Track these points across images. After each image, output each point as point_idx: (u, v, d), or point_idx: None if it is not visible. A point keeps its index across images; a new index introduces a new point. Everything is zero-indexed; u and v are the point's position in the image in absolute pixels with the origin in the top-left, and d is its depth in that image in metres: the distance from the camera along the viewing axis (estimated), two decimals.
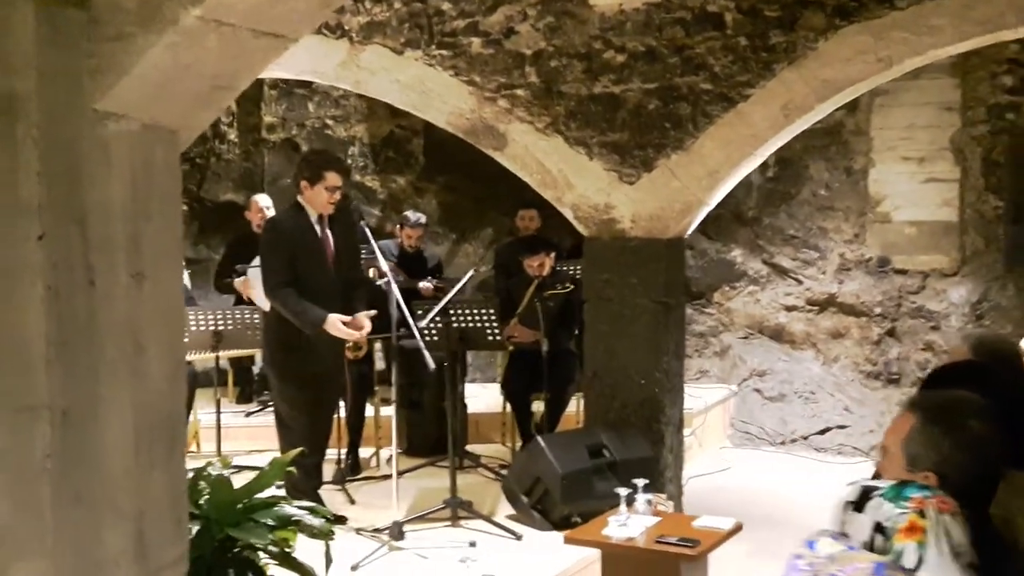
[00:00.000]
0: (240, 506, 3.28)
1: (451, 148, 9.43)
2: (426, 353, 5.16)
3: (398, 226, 8.19)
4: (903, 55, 5.26)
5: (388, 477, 6.73)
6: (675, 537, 4.28)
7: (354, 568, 4.94)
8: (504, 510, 5.82)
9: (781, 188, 8.37)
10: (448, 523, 5.59)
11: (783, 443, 8.19)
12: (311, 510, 3.43)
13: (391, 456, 7.23)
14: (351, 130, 9.84)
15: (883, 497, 1.79)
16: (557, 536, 5.48)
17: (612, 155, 5.89)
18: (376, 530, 5.47)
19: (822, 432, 8.12)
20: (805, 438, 8.15)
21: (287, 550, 3.32)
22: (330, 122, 9.81)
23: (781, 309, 8.44)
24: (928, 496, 1.76)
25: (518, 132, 6.05)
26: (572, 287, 6.79)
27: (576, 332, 6.86)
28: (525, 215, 8.05)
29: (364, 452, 7.14)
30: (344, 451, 6.85)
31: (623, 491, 4.50)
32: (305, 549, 3.38)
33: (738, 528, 4.52)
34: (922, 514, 1.75)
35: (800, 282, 8.38)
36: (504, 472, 6.53)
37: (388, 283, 5.23)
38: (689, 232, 6.08)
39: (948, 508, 1.75)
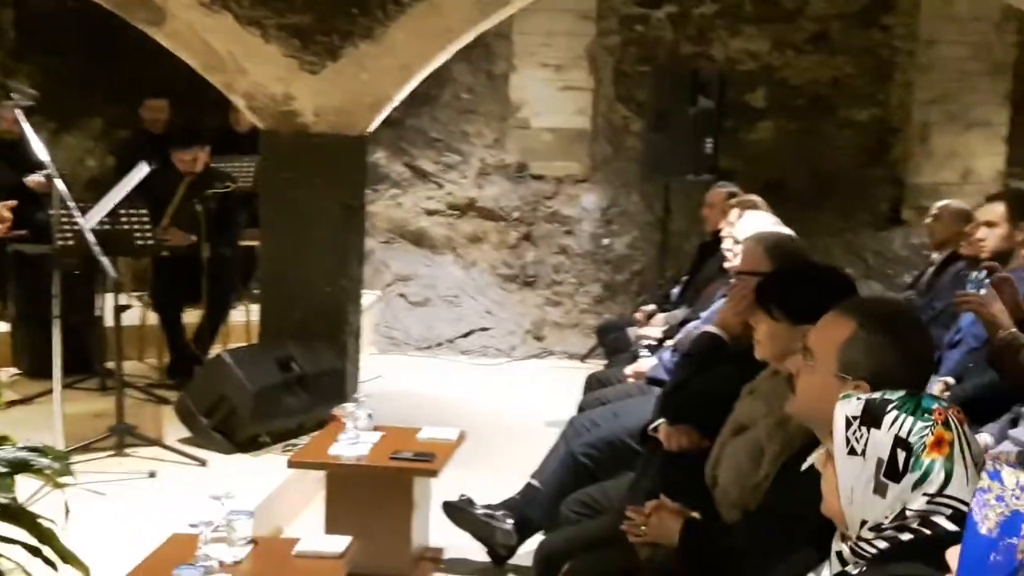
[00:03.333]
0: None
1: (50, 23, 8.23)
2: (105, 261, 4.42)
3: None
4: None
5: (15, 403, 5.84)
6: (410, 452, 4.04)
7: None
8: (174, 434, 5.22)
9: (424, 89, 8.12)
10: (113, 452, 4.92)
11: (429, 347, 8.16)
12: (40, 451, 2.78)
13: (13, 377, 6.31)
14: None
15: (901, 410, 1.67)
16: (245, 458, 5.05)
17: (292, 40, 5.36)
18: None
19: (466, 335, 8.18)
20: (451, 341, 8.18)
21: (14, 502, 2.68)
22: None
23: (423, 213, 8.32)
24: (945, 406, 1.67)
25: (179, 6, 5.32)
26: (232, 186, 6.18)
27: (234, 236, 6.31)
28: (154, 106, 7.21)
29: None
30: None
31: (349, 406, 4.18)
32: None
33: (463, 437, 4.37)
34: (947, 425, 1.65)
35: (441, 186, 8.31)
36: (158, 392, 5.88)
37: (49, 177, 4.40)
38: (372, 129, 5.72)
39: (964, 418, 1.67)
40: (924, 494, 1.62)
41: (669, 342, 4.93)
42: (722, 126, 7.51)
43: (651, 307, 6.11)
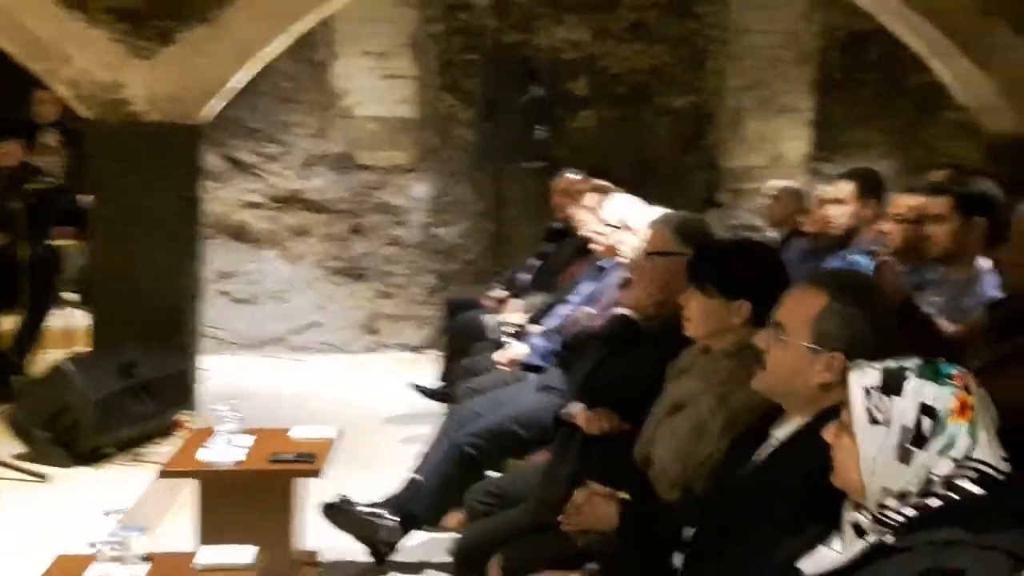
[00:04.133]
0: None
1: None
2: None
3: None
4: None
5: None
6: (290, 454, 3.84)
7: None
8: (5, 450, 4.79)
9: None
10: None
11: (259, 346, 7.84)
12: None
13: None
14: None
15: (922, 377, 1.68)
16: (87, 471, 4.69)
17: (121, 23, 5.01)
18: None
19: (298, 331, 7.91)
20: (282, 339, 7.89)
21: None
22: None
23: (243, 206, 7.98)
24: (964, 372, 1.69)
25: None
26: (53, 180, 5.72)
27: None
28: None
29: None
30: None
31: (221, 409, 3.93)
32: None
33: (340, 435, 4.19)
34: (968, 390, 1.66)
35: (263, 178, 7.99)
36: None
37: None
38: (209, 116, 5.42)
39: (980, 383, 1.69)
40: (951, 459, 1.63)
41: (534, 327, 4.91)
42: (552, 114, 7.56)
43: (501, 293, 6.08)
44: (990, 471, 1.62)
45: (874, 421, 1.67)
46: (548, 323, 4.58)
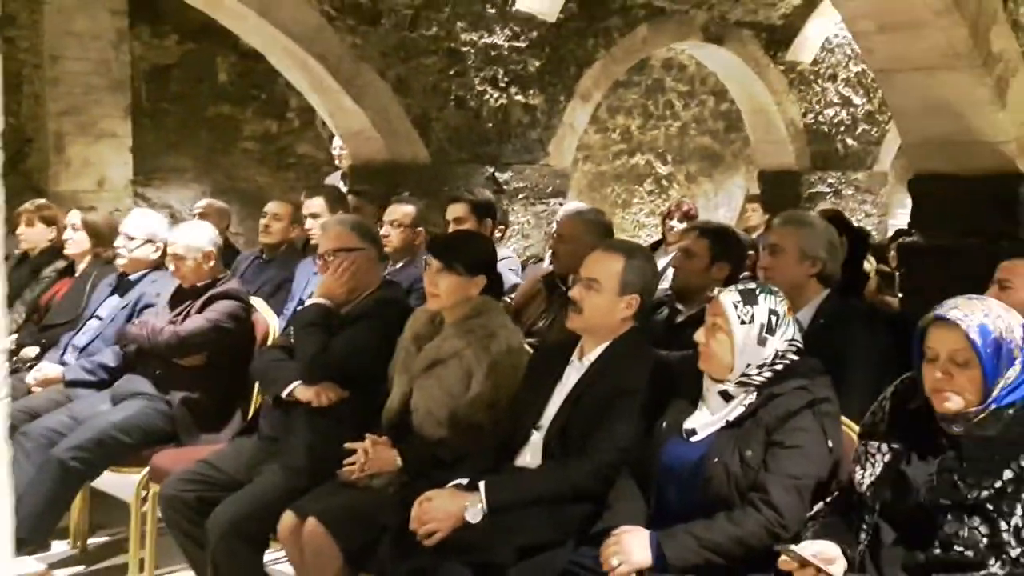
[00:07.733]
0: None
1: None
2: None
3: None
4: None
5: None
6: None
7: None
8: None
9: None
10: None
11: None
12: None
13: None
14: None
15: (764, 293, 2.70)
16: None
17: None
18: None
19: None
20: None
21: None
22: None
23: None
24: (777, 288, 2.80)
25: None
26: None
27: None
28: None
29: None
30: None
31: None
32: None
33: None
34: (786, 298, 2.78)
35: None
36: None
37: None
38: None
39: None
40: (784, 339, 2.74)
41: (28, 351, 4.83)
42: None
43: None
44: (799, 344, 2.78)
45: (743, 321, 2.72)
46: (79, 340, 4.58)
